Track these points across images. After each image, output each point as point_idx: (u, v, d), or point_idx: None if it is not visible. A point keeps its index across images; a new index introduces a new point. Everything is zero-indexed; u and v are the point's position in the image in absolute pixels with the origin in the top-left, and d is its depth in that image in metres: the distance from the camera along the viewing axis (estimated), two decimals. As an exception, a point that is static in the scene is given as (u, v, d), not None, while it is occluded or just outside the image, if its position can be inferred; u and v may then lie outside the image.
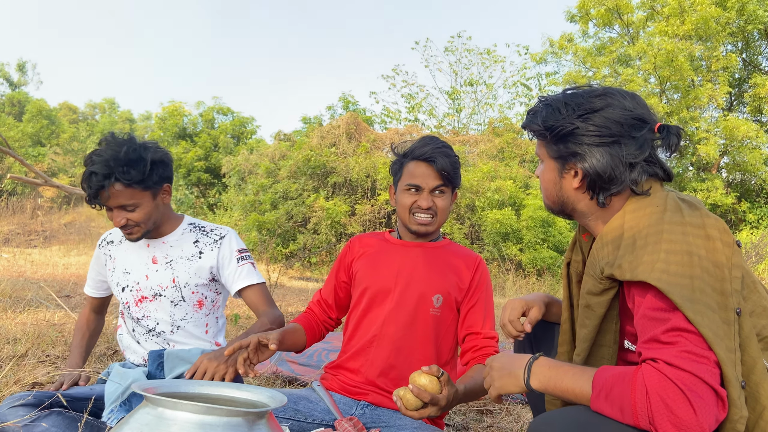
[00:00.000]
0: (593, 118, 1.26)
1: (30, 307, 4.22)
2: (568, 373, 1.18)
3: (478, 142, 14.37)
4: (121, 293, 2.05)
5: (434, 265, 1.92)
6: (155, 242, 2.04)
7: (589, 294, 1.29)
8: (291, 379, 2.98)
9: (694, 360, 1.02)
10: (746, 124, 12.63)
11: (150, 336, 2.03)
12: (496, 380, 1.30)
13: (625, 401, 1.04)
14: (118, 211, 1.88)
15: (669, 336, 1.06)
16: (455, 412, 2.64)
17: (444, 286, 1.89)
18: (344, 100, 17.97)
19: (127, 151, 1.83)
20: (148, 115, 28.02)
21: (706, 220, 1.16)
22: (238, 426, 1.11)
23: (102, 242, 2.13)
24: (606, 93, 1.29)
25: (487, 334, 1.89)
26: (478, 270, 1.96)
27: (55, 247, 12.26)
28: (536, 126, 1.34)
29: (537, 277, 10.10)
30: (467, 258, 1.97)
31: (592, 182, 1.28)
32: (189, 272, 2.02)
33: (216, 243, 2.05)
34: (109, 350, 3.28)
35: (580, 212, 1.36)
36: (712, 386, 1.01)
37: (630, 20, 15.12)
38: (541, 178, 1.41)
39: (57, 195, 19.52)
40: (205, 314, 2.07)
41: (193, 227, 2.09)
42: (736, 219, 13.27)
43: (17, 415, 1.69)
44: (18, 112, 24.06)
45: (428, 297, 1.87)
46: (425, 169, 1.86)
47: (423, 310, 1.87)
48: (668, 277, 1.08)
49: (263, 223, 12.01)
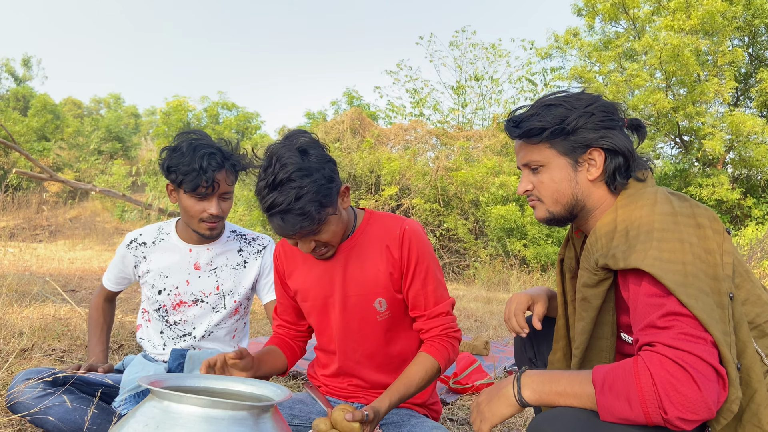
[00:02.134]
0: (596, 106, 1.32)
1: (35, 302, 4.24)
2: (563, 376, 1.18)
3: (483, 137, 14.35)
4: (157, 296, 2.02)
5: (361, 265, 1.70)
6: (199, 248, 2.04)
7: (584, 287, 1.31)
8: (294, 374, 2.99)
9: (692, 341, 1.04)
10: (752, 120, 12.54)
11: (180, 340, 2.03)
12: (485, 411, 1.26)
13: (631, 390, 1.04)
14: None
15: (664, 321, 1.08)
16: (458, 407, 2.64)
17: (378, 284, 1.68)
18: (348, 96, 17.98)
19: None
20: (153, 110, 28.08)
21: (696, 210, 1.20)
22: (244, 420, 1.12)
23: (132, 243, 2.08)
24: (583, 91, 1.38)
25: (432, 312, 1.68)
26: (403, 241, 1.67)
27: (61, 242, 12.31)
28: (546, 124, 1.32)
29: (541, 272, 10.09)
30: (390, 232, 1.69)
31: (613, 165, 1.31)
32: (234, 281, 2.05)
33: (259, 253, 2.10)
34: (114, 344, 3.30)
35: (588, 209, 1.37)
36: (712, 364, 1.02)
37: (636, 15, 15.03)
38: (544, 184, 1.37)
39: (62, 190, 19.58)
40: (236, 320, 2.10)
41: (236, 235, 2.11)
42: (742, 215, 13.20)
43: (31, 388, 1.73)
44: (23, 107, 24.13)
45: (369, 304, 1.69)
46: (278, 230, 1.52)
47: (370, 320, 1.71)
48: (661, 263, 1.10)
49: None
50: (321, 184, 1.48)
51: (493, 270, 10.11)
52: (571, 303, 1.46)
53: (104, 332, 2.18)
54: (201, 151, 1.84)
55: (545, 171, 1.37)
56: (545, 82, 17.81)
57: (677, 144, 15.16)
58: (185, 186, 1.85)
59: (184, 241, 2.05)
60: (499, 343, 4.27)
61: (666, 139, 15.07)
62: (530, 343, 1.77)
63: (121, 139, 22.44)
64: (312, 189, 1.46)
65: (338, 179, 1.58)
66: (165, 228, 2.10)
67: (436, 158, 13.42)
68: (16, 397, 1.72)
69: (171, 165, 1.86)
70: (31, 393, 1.73)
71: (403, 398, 1.58)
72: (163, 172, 1.91)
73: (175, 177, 1.85)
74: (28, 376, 1.78)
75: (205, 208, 1.89)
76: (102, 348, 2.14)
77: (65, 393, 1.77)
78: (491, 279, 9.72)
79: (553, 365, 1.52)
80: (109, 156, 21.74)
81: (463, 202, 11.76)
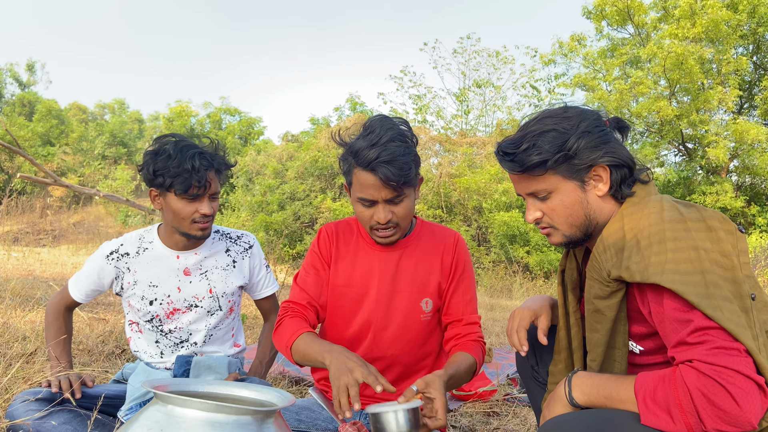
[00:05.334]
0: (587, 123, 1.31)
1: (39, 306, 4.24)
2: (610, 380, 1.20)
3: (486, 143, 14.35)
4: (149, 306, 1.98)
5: (415, 264, 1.78)
6: (186, 253, 2.01)
7: (596, 299, 1.29)
8: (297, 379, 2.99)
9: (726, 354, 1.03)
10: (756, 128, 12.53)
11: (178, 348, 2.01)
12: (544, 411, 1.31)
13: (671, 401, 1.05)
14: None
15: (694, 337, 1.07)
16: (461, 414, 2.63)
17: (429, 285, 1.77)
18: (352, 102, 18.01)
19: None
20: (157, 115, 28.14)
21: (704, 213, 1.19)
22: (248, 424, 1.11)
23: (113, 255, 1.99)
24: (567, 108, 1.36)
25: (469, 320, 1.77)
26: (457, 249, 1.81)
27: (64, 246, 12.34)
28: (547, 155, 1.29)
29: (544, 279, 10.07)
30: (444, 239, 1.82)
31: (618, 175, 1.31)
32: (226, 282, 2.04)
33: (246, 252, 2.10)
34: (117, 349, 3.29)
35: (601, 224, 1.35)
36: (749, 376, 1.02)
37: (642, 21, 15.06)
38: (556, 211, 1.35)
39: (66, 194, 19.65)
40: (232, 318, 2.10)
41: (221, 235, 2.10)
42: (746, 222, 13.17)
43: (28, 411, 1.70)
44: (28, 112, 24.25)
45: (416, 302, 1.76)
46: (374, 181, 1.59)
47: (414, 318, 1.77)
48: (680, 276, 1.09)
49: (270, 224, 12.05)
50: (415, 154, 1.66)
51: (496, 276, 10.09)
52: (573, 314, 1.45)
53: (68, 343, 2.04)
54: (189, 151, 1.83)
55: (555, 197, 1.34)
56: (549, 88, 17.84)
57: (681, 152, 15.15)
58: (176, 188, 1.83)
59: (169, 248, 2.00)
60: (502, 350, 4.26)
61: (670, 146, 15.07)
62: (532, 352, 1.76)
63: (125, 144, 22.53)
64: (411, 152, 1.64)
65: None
66: (146, 236, 2.03)
67: (439, 165, 13.43)
68: (15, 423, 1.70)
69: (158, 169, 1.83)
70: (32, 416, 1.70)
71: (453, 378, 1.55)
72: (147, 177, 1.87)
73: (163, 180, 1.83)
74: (25, 398, 1.72)
75: (197, 209, 1.87)
76: (69, 359, 1.99)
77: (65, 412, 1.73)
78: (494, 286, 9.70)
79: (554, 376, 1.51)
80: (113, 161, 21.83)
81: (466, 208, 11.76)
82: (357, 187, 1.64)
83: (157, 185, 1.86)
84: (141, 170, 1.90)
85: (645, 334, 1.27)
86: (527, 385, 1.77)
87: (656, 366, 1.25)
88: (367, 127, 1.64)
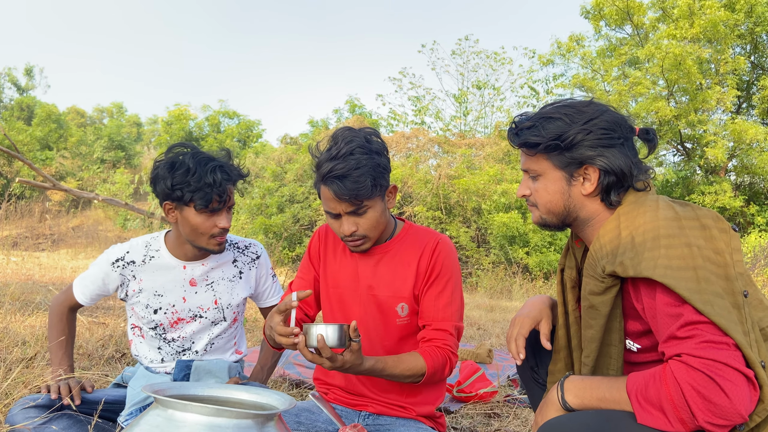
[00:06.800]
0: (596, 123, 1.32)
1: (38, 310, 4.24)
2: (602, 382, 1.21)
3: (485, 145, 14.37)
4: (153, 315, 1.96)
5: (393, 268, 1.77)
6: (193, 264, 1.98)
7: (591, 294, 1.31)
8: (298, 382, 2.99)
9: (714, 347, 1.04)
10: (755, 127, 12.54)
11: (179, 355, 2.01)
12: (537, 417, 1.32)
13: (663, 398, 1.06)
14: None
15: (684, 331, 1.08)
16: (462, 416, 2.63)
17: (404, 290, 1.75)
18: (351, 104, 18.03)
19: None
20: (156, 119, 28.16)
21: (699, 212, 1.21)
22: (248, 428, 1.11)
23: (119, 262, 1.95)
24: (592, 102, 1.38)
25: (438, 325, 1.71)
26: (435, 252, 1.74)
27: (63, 251, 12.34)
28: (541, 139, 1.34)
29: (544, 280, 10.07)
30: (424, 243, 1.77)
31: (608, 182, 1.32)
32: (231, 293, 2.02)
33: (254, 262, 2.08)
34: (117, 353, 3.29)
35: (582, 220, 1.38)
36: (738, 368, 1.03)
37: (641, 21, 15.07)
38: (539, 193, 1.40)
39: (65, 198, 19.64)
40: (235, 327, 2.09)
41: (228, 244, 2.05)
42: (745, 222, 13.18)
43: (28, 417, 1.70)
44: (27, 116, 24.24)
45: (392, 307, 1.76)
46: (330, 195, 1.61)
47: (391, 321, 1.77)
48: (672, 271, 1.11)
49: (270, 227, 12.05)
50: (377, 165, 1.62)
51: (495, 278, 10.09)
52: (572, 313, 1.46)
53: (70, 345, 2.03)
54: (209, 164, 1.79)
55: (541, 181, 1.40)
56: (547, 89, 17.85)
57: (680, 152, 15.16)
58: (196, 203, 1.78)
59: (176, 257, 1.96)
60: (503, 351, 4.26)
61: (668, 146, 15.07)
62: (531, 352, 1.76)
63: (123, 148, 22.52)
64: (370, 165, 1.60)
65: (389, 176, 1.70)
66: (153, 244, 1.99)
67: (438, 166, 13.44)
68: (15, 429, 1.69)
69: (176, 183, 1.78)
70: (31, 423, 1.69)
71: (385, 370, 1.59)
72: (164, 191, 1.82)
73: (182, 194, 1.78)
74: (24, 405, 1.71)
75: (216, 223, 1.84)
76: (70, 363, 1.97)
77: (64, 418, 1.73)
78: (494, 287, 9.71)
79: (554, 375, 1.52)
80: (111, 165, 21.82)
81: (465, 209, 11.76)
82: (322, 200, 1.69)
83: (174, 199, 1.81)
84: (154, 183, 1.85)
85: (641, 331, 1.28)
86: (527, 387, 1.77)
87: (654, 364, 1.26)
88: (331, 139, 1.66)
